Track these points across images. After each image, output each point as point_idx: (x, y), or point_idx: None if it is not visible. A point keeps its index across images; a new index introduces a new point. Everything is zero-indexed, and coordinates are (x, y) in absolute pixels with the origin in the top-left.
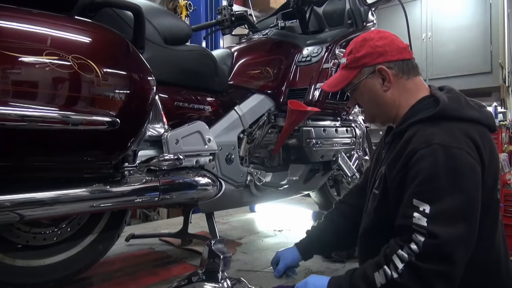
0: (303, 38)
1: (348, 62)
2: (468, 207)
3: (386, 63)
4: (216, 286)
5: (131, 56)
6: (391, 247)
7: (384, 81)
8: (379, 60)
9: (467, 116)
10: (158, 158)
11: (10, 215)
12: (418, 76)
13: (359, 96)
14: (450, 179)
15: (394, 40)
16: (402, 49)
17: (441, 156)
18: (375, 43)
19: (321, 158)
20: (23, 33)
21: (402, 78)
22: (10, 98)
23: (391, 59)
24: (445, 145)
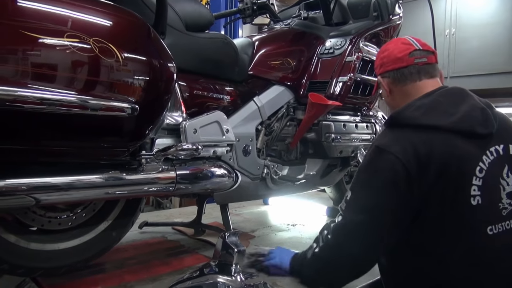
0: (326, 30)
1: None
2: (371, 204)
3: (384, 73)
4: (229, 279)
5: (153, 41)
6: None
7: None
8: (379, 71)
9: (422, 124)
10: (176, 147)
11: (26, 199)
12: (424, 80)
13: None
14: (368, 176)
15: (394, 50)
16: (398, 59)
17: (371, 155)
18: (379, 55)
19: (340, 154)
20: (44, 14)
21: (399, 85)
22: (29, 80)
23: (386, 69)
24: (379, 147)
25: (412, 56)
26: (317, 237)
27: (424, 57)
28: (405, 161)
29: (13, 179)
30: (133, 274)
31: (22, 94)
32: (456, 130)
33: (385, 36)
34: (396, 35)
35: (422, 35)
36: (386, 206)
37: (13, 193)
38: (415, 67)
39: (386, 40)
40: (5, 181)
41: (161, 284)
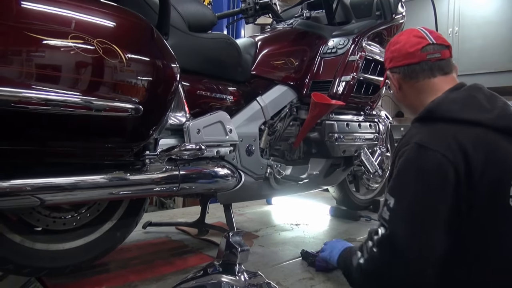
0: (329, 29)
1: None
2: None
3: (393, 68)
4: (233, 279)
5: (156, 42)
6: (367, 237)
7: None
8: (389, 65)
9: (462, 118)
10: (180, 147)
11: (31, 199)
12: (439, 77)
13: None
14: (416, 181)
15: (405, 44)
16: (409, 54)
17: (413, 155)
18: (390, 47)
19: (343, 153)
20: (48, 16)
21: (411, 81)
22: (34, 81)
23: (396, 64)
24: (421, 145)
25: (424, 51)
26: (361, 245)
27: (438, 52)
28: (452, 159)
29: (18, 180)
30: (137, 274)
31: (27, 95)
32: (495, 127)
33: (388, 35)
34: None
35: None
36: (438, 211)
37: (19, 194)
38: (427, 63)
39: (389, 39)
40: (10, 181)
41: (165, 284)
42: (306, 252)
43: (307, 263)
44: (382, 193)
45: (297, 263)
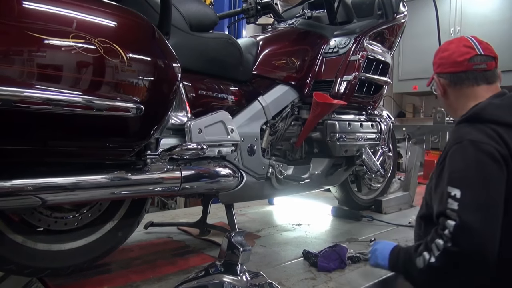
0: (331, 29)
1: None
2: (491, 198)
3: (440, 73)
4: (235, 279)
5: (158, 42)
6: (431, 236)
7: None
8: (437, 70)
9: (506, 121)
10: (181, 146)
11: (33, 199)
12: (482, 85)
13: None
14: (478, 170)
15: (454, 52)
16: (457, 63)
17: (471, 150)
18: (439, 54)
19: (345, 153)
20: (50, 15)
21: (455, 87)
22: (35, 80)
23: (444, 71)
24: (474, 141)
25: (471, 61)
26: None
27: (484, 64)
28: (503, 152)
29: (20, 180)
30: (139, 274)
31: (28, 94)
32: None
33: (389, 35)
34: (400, 33)
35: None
36: (501, 195)
37: (20, 194)
38: (473, 73)
39: (391, 39)
40: (12, 181)
41: (167, 283)
42: (308, 252)
43: (309, 263)
44: (384, 193)
45: (299, 263)
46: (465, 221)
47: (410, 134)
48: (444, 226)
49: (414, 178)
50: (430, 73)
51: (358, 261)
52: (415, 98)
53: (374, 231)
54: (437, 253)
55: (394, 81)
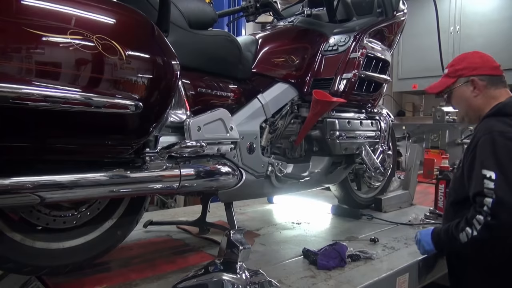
0: (330, 27)
1: (450, 72)
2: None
3: (479, 76)
4: (234, 277)
5: (156, 39)
6: (471, 214)
7: (474, 89)
8: (473, 73)
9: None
10: (180, 144)
11: (31, 197)
12: (502, 88)
13: (454, 99)
14: (507, 155)
15: (488, 60)
16: (494, 67)
17: (500, 139)
18: (473, 60)
19: (344, 151)
20: (47, 11)
21: (491, 88)
22: (33, 77)
23: (483, 73)
24: (502, 131)
25: (500, 68)
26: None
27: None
28: None
29: (18, 177)
30: (138, 273)
31: (26, 91)
32: None
33: (389, 33)
34: (400, 31)
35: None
36: None
37: (18, 191)
38: (503, 77)
39: (390, 37)
40: (10, 179)
41: (166, 282)
42: (308, 251)
43: (308, 262)
44: (384, 192)
45: (299, 262)
46: (501, 197)
47: (409, 133)
48: (482, 204)
49: (413, 177)
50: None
51: (358, 259)
52: (415, 97)
53: (373, 229)
54: (478, 227)
55: (393, 80)
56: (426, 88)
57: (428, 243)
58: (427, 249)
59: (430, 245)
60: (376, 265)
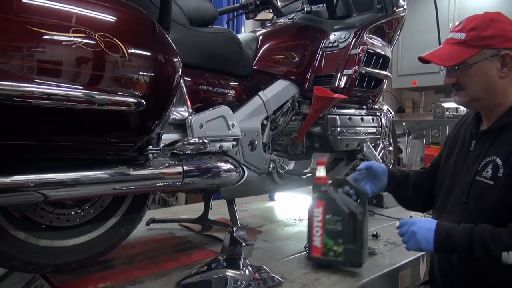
0: (330, 23)
1: (469, 38)
2: None
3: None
4: (238, 273)
5: (158, 36)
6: None
7: (504, 68)
8: (505, 45)
9: None
10: (183, 141)
11: (34, 195)
12: None
13: (469, 76)
14: None
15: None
16: None
17: None
18: (504, 27)
19: (346, 147)
20: (50, 10)
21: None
22: (35, 75)
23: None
24: None
25: None
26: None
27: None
28: None
29: (21, 175)
30: (142, 270)
31: (29, 89)
32: None
33: (389, 29)
34: (400, 27)
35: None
36: None
37: (22, 189)
38: None
39: (390, 33)
40: (13, 177)
41: (170, 279)
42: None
43: None
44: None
45: (302, 258)
46: None
47: (410, 129)
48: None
49: None
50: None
51: None
52: (415, 93)
53: (375, 225)
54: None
55: (393, 76)
56: (428, 56)
57: (428, 241)
58: (423, 248)
59: (429, 243)
60: (378, 260)
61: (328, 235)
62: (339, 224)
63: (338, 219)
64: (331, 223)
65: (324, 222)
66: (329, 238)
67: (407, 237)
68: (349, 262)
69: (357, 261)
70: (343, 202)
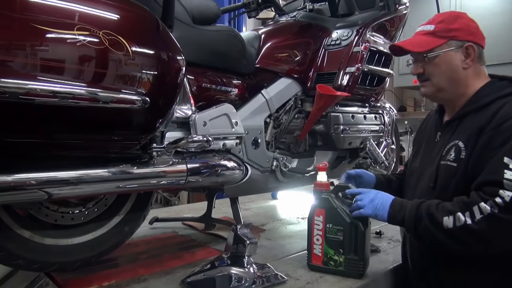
0: (332, 21)
1: (438, 30)
2: None
3: (474, 43)
4: (242, 270)
5: (162, 34)
6: (471, 198)
7: (467, 59)
8: (469, 38)
9: None
10: (187, 139)
11: (39, 193)
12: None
13: (434, 65)
14: None
15: (479, 27)
16: (484, 39)
17: None
18: (468, 22)
19: (349, 145)
20: (55, 8)
21: (479, 62)
22: (40, 73)
23: (478, 42)
24: None
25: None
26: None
27: None
28: None
29: (25, 173)
30: (147, 268)
31: (33, 87)
32: None
33: (391, 26)
34: (402, 25)
35: None
36: None
37: (26, 188)
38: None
39: (392, 30)
40: (18, 175)
41: (174, 277)
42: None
43: None
44: None
45: (305, 256)
46: None
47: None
48: (494, 193)
49: None
50: None
51: None
52: (416, 92)
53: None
54: (478, 216)
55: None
56: (400, 43)
57: (384, 208)
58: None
59: (385, 210)
60: (382, 258)
61: (328, 244)
62: (340, 234)
63: (340, 228)
64: (332, 232)
65: (325, 231)
66: (330, 247)
67: (365, 202)
68: (350, 272)
69: (358, 272)
70: (345, 211)
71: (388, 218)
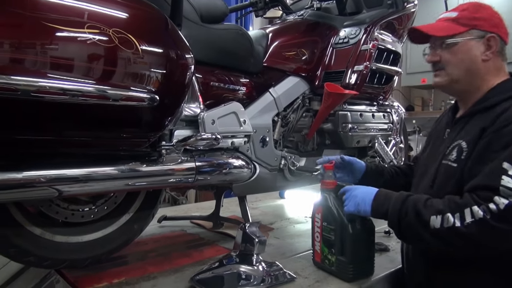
0: (340, 20)
1: (460, 17)
2: None
3: (497, 35)
4: (251, 268)
5: (171, 33)
6: (464, 200)
7: (487, 51)
8: (492, 29)
9: None
10: (196, 137)
11: (49, 191)
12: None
13: (452, 53)
14: None
15: (503, 22)
16: (508, 34)
17: None
18: (492, 13)
19: (357, 144)
20: (65, 6)
21: (500, 57)
22: (50, 70)
23: (501, 35)
24: None
25: None
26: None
27: None
28: None
29: (36, 171)
30: (156, 266)
31: (43, 84)
32: None
33: (399, 24)
34: (411, 23)
35: None
36: None
37: (37, 185)
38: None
39: (401, 29)
40: (29, 172)
41: (183, 275)
42: None
43: None
44: None
45: None
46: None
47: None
48: (488, 199)
49: None
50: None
51: None
52: (424, 92)
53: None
54: (469, 220)
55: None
56: (420, 26)
57: (366, 203)
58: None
59: (367, 205)
60: (391, 256)
61: (324, 242)
62: (332, 234)
63: (332, 228)
64: (327, 231)
65: (322, 229)
66: (325, 246)
67: (348, 199)
68: (341, 274)
69: (346, 275)
70: (338, 211)
71: (371, 211)
